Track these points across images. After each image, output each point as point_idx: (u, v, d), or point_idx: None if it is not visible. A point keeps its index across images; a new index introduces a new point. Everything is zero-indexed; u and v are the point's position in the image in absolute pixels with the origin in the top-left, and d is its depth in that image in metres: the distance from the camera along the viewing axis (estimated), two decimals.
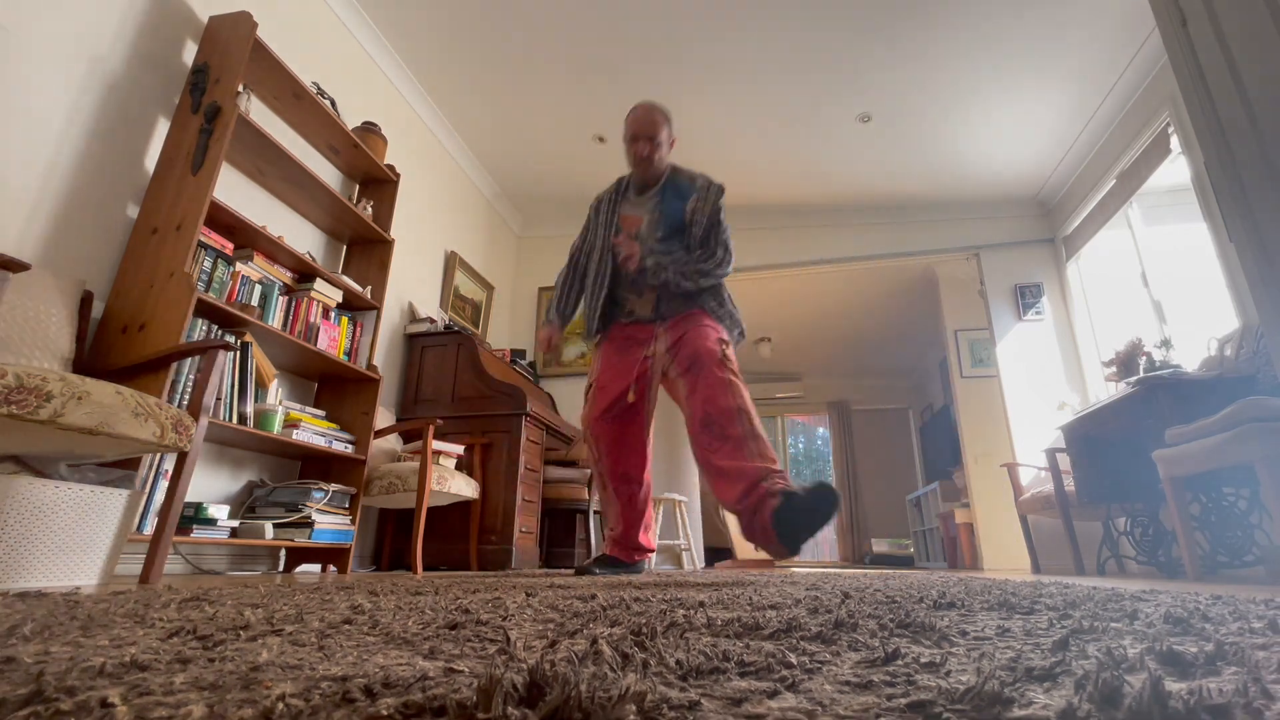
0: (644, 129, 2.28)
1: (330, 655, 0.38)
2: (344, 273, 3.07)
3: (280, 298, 2.47)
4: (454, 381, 3.55)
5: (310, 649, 0.40)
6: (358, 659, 0.37)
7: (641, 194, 2.37)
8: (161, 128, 2.27)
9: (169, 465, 1.97)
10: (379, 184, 3.25)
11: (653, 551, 2.31)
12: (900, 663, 0.38)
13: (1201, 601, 0.82)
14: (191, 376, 2.01)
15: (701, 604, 0.81)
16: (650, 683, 0.30)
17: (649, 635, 0.48)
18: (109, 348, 1.93)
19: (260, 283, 2.42)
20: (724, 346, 2.14)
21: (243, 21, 2.32)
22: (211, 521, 2.06)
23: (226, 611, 0.64)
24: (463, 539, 3.19)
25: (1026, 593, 0.99)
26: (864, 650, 0.43)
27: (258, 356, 2.33)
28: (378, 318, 2.92)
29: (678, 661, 0.36)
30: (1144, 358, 3.04)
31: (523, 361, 4.45)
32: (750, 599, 0.89)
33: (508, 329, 5.17)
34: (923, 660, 0.39)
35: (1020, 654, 0.41)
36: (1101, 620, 0.59)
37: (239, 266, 2.33)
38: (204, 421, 1.74)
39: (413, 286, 3.87)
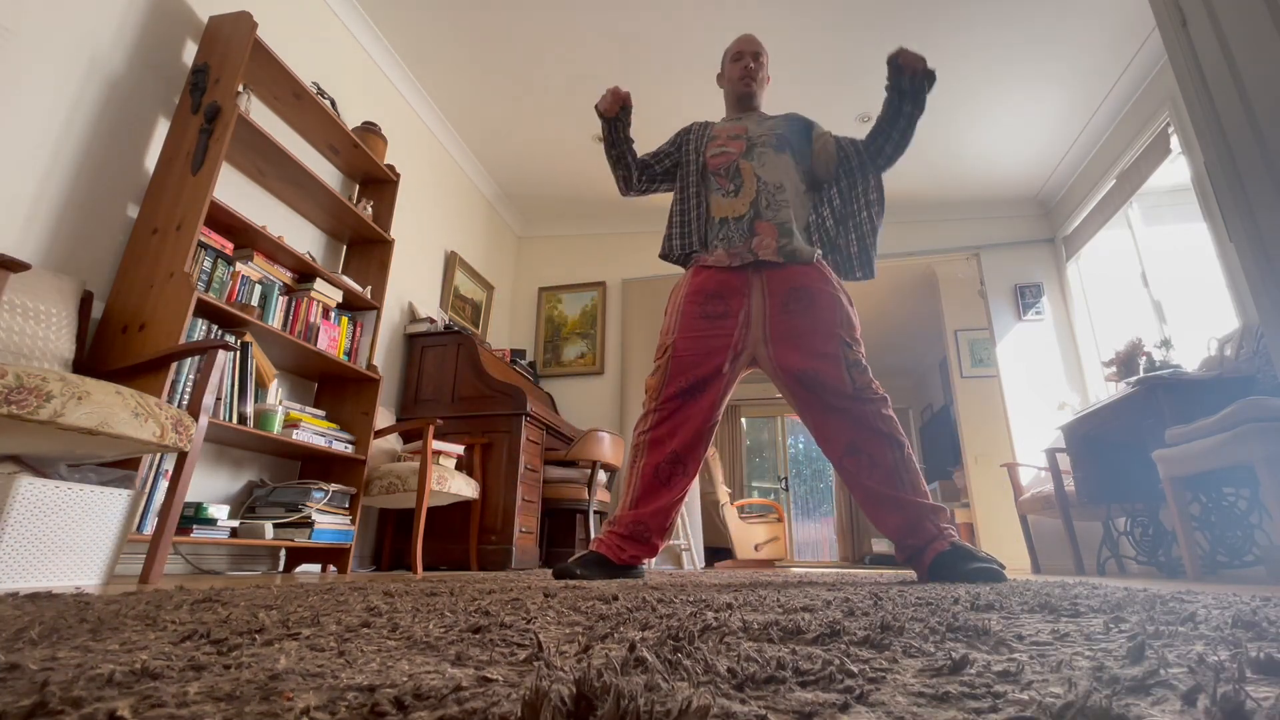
0: (750, 45, 2.11)
1: (352, 662, 0.37)
2: (344, 273, 3.07)
3: (280, 298, 2.46)
4: (454, 381, 3.54)
5: (330, 654, 0.40)
6: (381, 665, 0.36)
7: (743, 113, 2.10)
8: (161, 128, 2.26)
9: (169, 465, 1.96)
10: (379, 184, 3.24)
11: (653, 556, 1.92)
12: (972, 671, 0.36)
13: (1254, 602, 0.79)
14: (191, 376, 2.01)
15: (729, 605, 0.79)
16: (708, 694, 0.29)
17: (687, 640, 0.47)
18: (109, 348, 1.93)
19: (260, 283, 2.41)
20: (849, 351, 1.79)
21: (243, 21, 2.31)
22: (211, 521, 2.05)
23: (240, 613, 0.64)
24: (463, 539, 3.19)
25: (1058, 594, 0.97)
26: (922, 657, 0.41)
27: (258, 356, 2.33)
28: (378, 318, 2.92)
29: (729, 669, 0.34)
30: (1144, 358, 3.04)
31: (523, 361, 4.44)
32: (778, 600, 0.87)
33: (508, 329, 5.16)
34: (995, 669, 0.36)
35: (1100, 663, 0.38)
36: (1161, 624, 0.57)
37: (239, 266, 2.33)
38: (204, 421, 1.74)
39: (413, 286, 3.86)
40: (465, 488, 2.92)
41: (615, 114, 2.03)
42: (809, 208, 1.99)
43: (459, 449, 3.03)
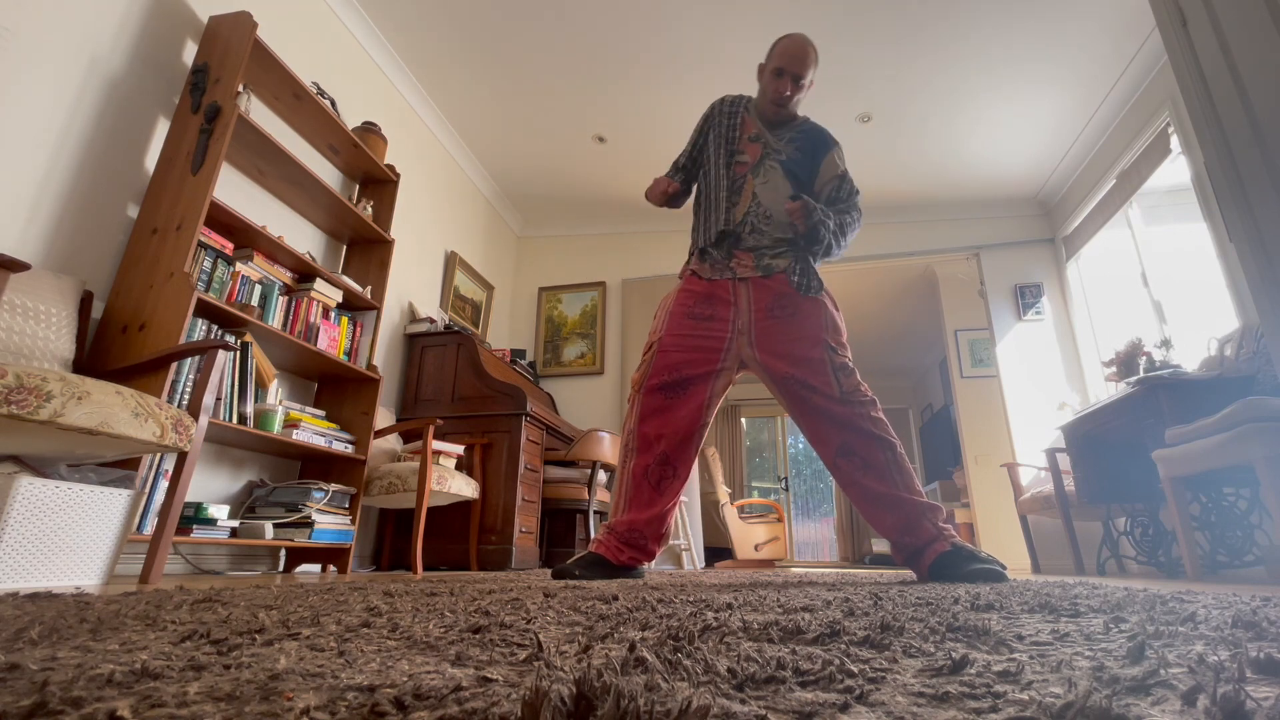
0: (794, 65, 1.98)
1: (352, 662, 0.37)
2: (344, 273, 3.07)
3: (280, 298, 2.46)
4: (454, 381, 3.54)
5: (330, 654, 0.40)
6: (381, 665, 0.36)
7: (768, 128, 2.07)
8: (161, 128, 2.26)
9: (169, 465, 1.96)
10: (379, 184, 3.24)
11: (650, 560, 1.90)
12: (972, 671, 0.36)
13: (1254, 603, 0.79)
14: (191, 376, 2.01)
15: (729, 605, 0.79)
16: (708, 694, 0.29)
17: (687, 640, 0.47)
18: (109, 348, 1.93)
19: (260, 283, 2.41)
20: (834, 355, 1.80)
21: (243, 21, 2.31)
22: (211, 521, 2.05)
23: (240, 613, 0.64)
24: (463, 539, 3.19)
25: (1058, 594, 0.97)
26: (922, 657, 0.41)
27: (258, 356, 2.33)
28: (378, 318, 2.92)
29: (729, 670, 0.34)
30: (1144, 358, 3.04)
31: (523, 361, 4.44)
32: (778, 600, 0.87)
33: (508, 329, 5.16)
34: (995, 668, 0.36)
35: (1100, 663, 0.38)
36: (1161, 624, 0.56)
37: (239, 266, 2.33)
38: (204, 421, 1.74)
39: (413, 286, 3.86)
40: (465, 488, 2.92)
41: (662, 205, 2.07)
42: (793, 226, 1.95)
43: (459, 449, 3.03)
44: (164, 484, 1.93)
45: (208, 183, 2.05)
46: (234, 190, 2.53)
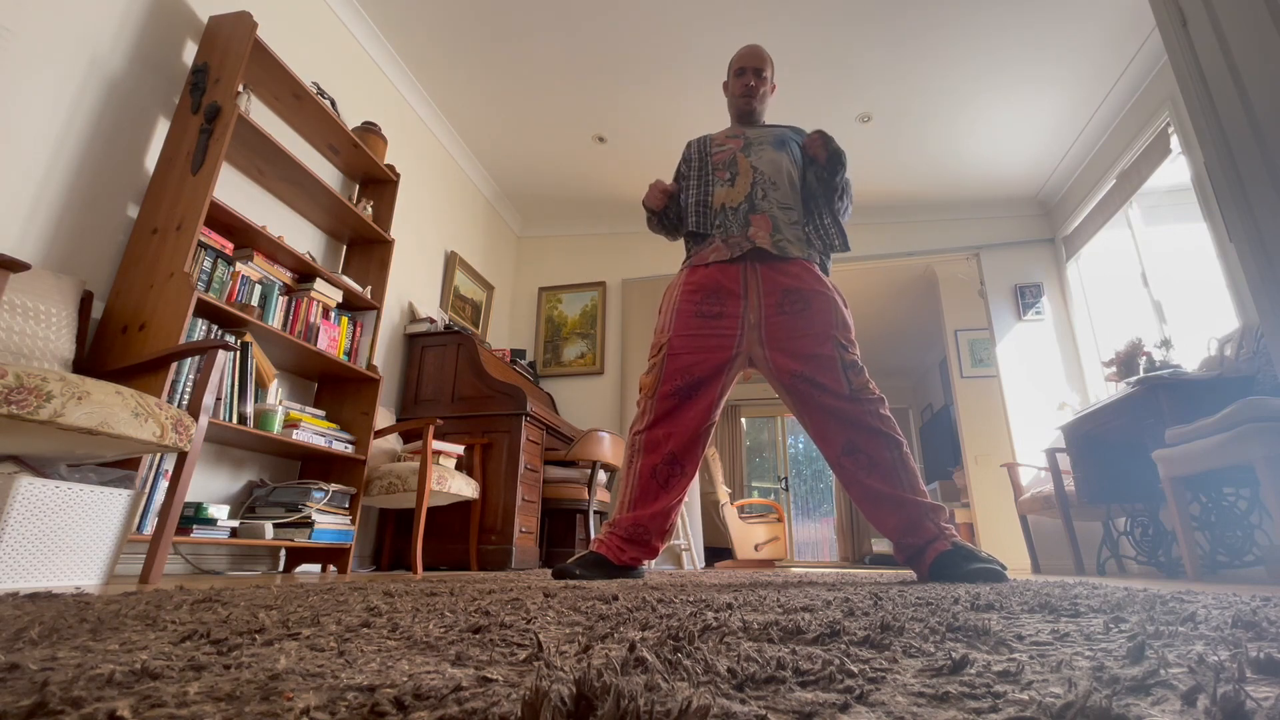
0: (752, 61, 2.12)
1: (352, 662, 0.37)
2: (344, 273, 3.07)
3: (280, 298, 2.46)
4: (454, 381, 3.54)
5: (330, 655, 0.40)
6: (381, 665, 0.36)
7: (744, 126, 2.13)
8: (161, 128, 2.26)
9: (169, 465, 1.96)
10: (379, 184, 3.24)
11: (653, 557, 1.88)
12: (972, 671, 0.36)
13: (1254, 603, 0.79)
14: (191, 376, 2.01)
15: (729, 605, 0.78)
16: (708, 694, 0.29)
17: (687, 640, 0.47)
18: (109, 348, 1.93)
19: (260, 283, 2.41)
20: (844, 352, 1.80)
21: (243, 21, 2.31)
22: (211, 521, 2.05)
23: (240, 613, 0.64)
24: (463, 539, 3.19)
25: (1059, 594, 0.97)
26: (922, 657, 0.41)
27: (258, 356, 2.33)
28: (378, 318, 2.91)
29: (729, 670, 0.34)
30: (1144, 358, 3.04)
31: (523, 361, 4.44)
32: (778, 600, 0.87)
33: (508, 329, 5.16)
34: (995, 669, 0.36)
35: (1100, 663, 0.38)
36: (1161, 624, 0.56)
37: (239, 266, 2.33)
38: (204, 421, 1.74)
39: (413, 286, 3.86)
40: (465, 488, 2.92)
41: (663, 206, 2.05)
42: (804, 203, 2.00)
43: (459, 449, 3.03)
44: (164, 484, 1.93)
45: (208, 183, 2.05)
46: (234, 190, 2.53)
